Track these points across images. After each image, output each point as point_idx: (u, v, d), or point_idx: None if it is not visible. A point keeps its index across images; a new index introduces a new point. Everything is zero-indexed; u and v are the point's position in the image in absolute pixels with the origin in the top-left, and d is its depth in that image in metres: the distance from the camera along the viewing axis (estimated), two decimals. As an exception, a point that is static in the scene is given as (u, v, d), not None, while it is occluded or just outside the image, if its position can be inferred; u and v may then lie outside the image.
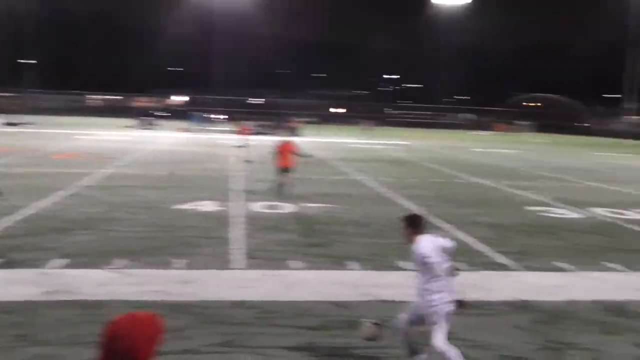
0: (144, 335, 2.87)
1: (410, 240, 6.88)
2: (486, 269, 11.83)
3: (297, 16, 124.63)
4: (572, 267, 12.19)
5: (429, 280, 6.69)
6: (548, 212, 18.51)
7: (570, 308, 9.63)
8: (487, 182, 26.78)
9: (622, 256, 13.25)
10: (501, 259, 12.66)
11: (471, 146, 55.91)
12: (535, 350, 7.88)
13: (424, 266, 6.70)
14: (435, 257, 6.66)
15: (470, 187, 24.83)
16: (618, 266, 12.33)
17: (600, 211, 19.27)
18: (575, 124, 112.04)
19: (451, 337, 8.18)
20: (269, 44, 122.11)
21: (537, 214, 18.45)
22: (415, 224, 6.99)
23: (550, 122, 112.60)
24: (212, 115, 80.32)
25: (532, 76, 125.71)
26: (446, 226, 16.00)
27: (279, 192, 19.64)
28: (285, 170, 19.98)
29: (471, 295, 10.01)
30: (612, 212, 19.12)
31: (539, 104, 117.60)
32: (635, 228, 16.75)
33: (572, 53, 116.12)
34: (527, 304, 9.69)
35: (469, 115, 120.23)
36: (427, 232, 7.04)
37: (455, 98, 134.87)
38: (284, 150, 20.28)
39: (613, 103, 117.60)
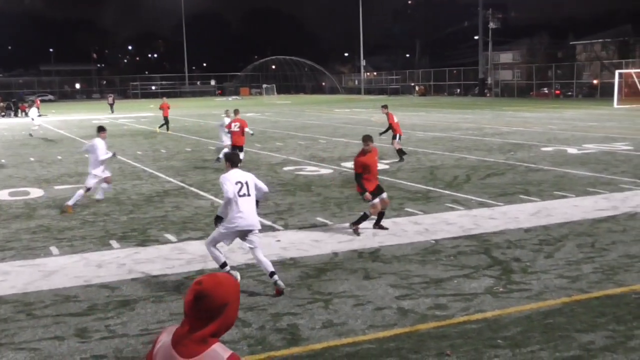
0: (226, 293, 3.02)
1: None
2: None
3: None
4: (331, 220, 12.80)
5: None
6: (302, 171, 19.21)
7: (333, 259, 10.11)
8: (238, 146, 27.08)
9: (371, 205, 14.15)
10: (263, 220, 12.88)
11: (220, 112, 56.11)
12: (304, 305, 8.14)
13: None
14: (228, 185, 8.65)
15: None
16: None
17: (348, 164, 20.40)
18: (312, 84, 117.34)
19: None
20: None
21: (293, 173, 19.09)
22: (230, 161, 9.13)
23: (290, 83, 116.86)
24: None
25: (268, 41, 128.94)
26: (204, 194, 15.97)
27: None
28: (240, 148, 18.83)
29: (238, 259, 10.13)
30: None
31: (273, 66, 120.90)
32: (379, 177, 17.90)
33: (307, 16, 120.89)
34: (295, 261, 10.00)
35: (212, 82, 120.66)
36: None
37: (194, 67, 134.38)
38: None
39: (350, 61, 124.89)
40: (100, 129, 14.83)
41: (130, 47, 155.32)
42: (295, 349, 6.87)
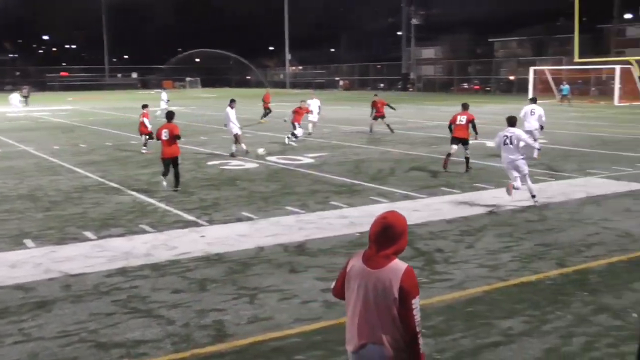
0: (404, 224, 4.18)
1: None
2: (173, 227, 11.78)
3: None
4: (256, 214, 12.69)
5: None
6: (227, 165, 19.00)
7: (259, 254, 10.02)
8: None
9: (298, 198, 14.13)
10: (188, 215, 12.71)
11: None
12: (230, 300, 8.03)
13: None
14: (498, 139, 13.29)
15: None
16: (296, 209, 13.11)
17: (273, 159, 20.33)
18: (237, 77, 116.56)
19: (143, 299, 8.05)
20: None
21: (218, 167, 18.88)
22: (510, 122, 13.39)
23: (214, 76, 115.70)
24: None
25: (192, 34, 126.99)
26: (125, 190, 15.61)
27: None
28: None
29: (161, 256, 9.92)
30: (284, 159, 20.29)
31: (197, 59, 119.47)
32: (305, 171, 17.96)
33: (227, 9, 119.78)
34: (220, 257, 9.87)
35: (134, 75, 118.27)
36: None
37: (115, 59, 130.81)
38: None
39: (275, 55, 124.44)
40: None
41: (46, 37, 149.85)
42: (220, 345, 6.77)
